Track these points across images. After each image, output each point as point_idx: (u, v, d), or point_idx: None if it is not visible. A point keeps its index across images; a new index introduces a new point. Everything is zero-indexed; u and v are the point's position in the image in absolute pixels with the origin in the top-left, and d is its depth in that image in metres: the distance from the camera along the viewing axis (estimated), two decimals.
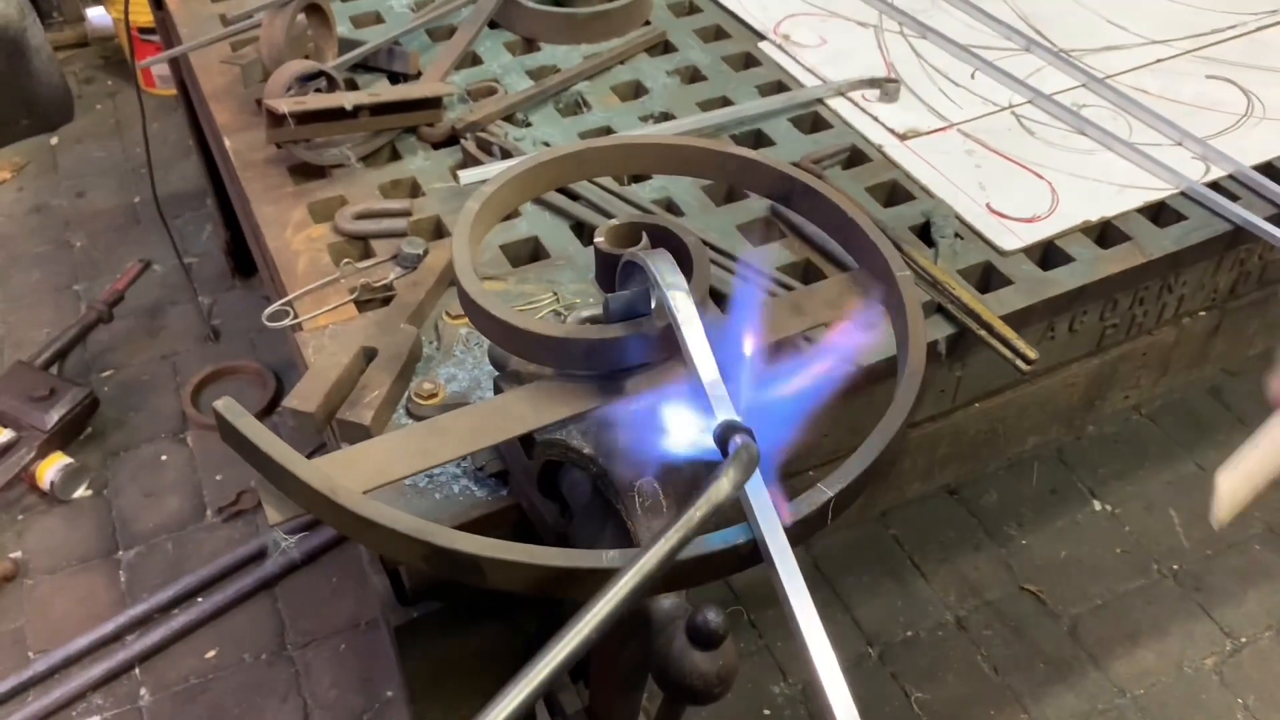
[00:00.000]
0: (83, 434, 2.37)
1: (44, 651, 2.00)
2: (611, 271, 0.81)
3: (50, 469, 2.22)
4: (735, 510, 0.67)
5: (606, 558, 0.66)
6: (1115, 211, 1.37)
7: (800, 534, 0.69)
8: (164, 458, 2.37)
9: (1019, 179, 1.43)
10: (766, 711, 1.93)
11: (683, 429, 0.72)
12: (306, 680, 1.98)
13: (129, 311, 2.65)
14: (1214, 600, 2.13)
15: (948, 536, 2.22)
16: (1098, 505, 2.30)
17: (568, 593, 0.68)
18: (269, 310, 1.32)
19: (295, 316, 1.30)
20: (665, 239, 0.82)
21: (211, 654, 2.01)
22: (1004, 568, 2.17)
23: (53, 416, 2.27)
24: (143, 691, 1.96)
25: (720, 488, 0.63)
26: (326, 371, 1.12)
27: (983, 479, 2.31)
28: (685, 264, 0.82)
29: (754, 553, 0.67)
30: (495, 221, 0.94)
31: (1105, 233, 1.36)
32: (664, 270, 0.73)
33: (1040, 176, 1.43)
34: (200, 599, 2.08)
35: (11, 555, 2.15)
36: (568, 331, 0.76)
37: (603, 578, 0.67)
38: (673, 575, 0.69)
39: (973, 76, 1.63)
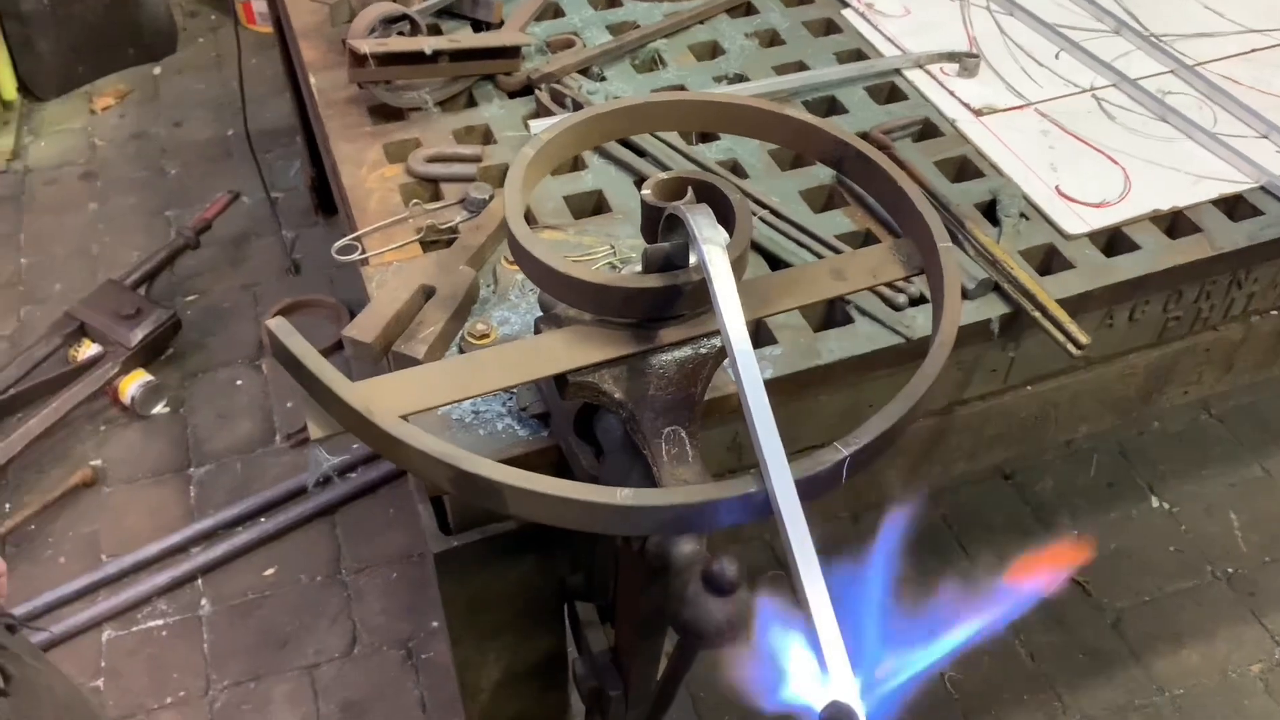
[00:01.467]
0: (164, 354, 2.47)
1: (115, 555, 2.11)
2: (655, 223, 0.84)
3: (132, 385, 2.33)
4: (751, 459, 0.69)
5: (620, 495, 0.68)
6: (1189, 202, 1.34)
7: (812, 492, 0.71)
8: (239, 382, 2.46)
9: (1092, 163, 1.41)
10: None
11: (796, 671, 0.66)
12: (357, 604, 2.06)
13: (216, 240, 2.74)
14: (1267, 607, 2.08)
15: (997, 520, 2.21)
16: (1155, 502, 2.26)
17: (582, 525, 0.71)
18: (339, 244, 1.37)
19: (363, 251, 1.34)
20: (710, 195, 0.84)
21: (270, 572, 2.10)
22: None
23: (137, 335, 2.37)
24: (203, 602, 2.06)
25: None
26: (386, 305, 1.17)
27: (1039, 466, 2.28)
28: (729, 221, 0.84)
29: (765, 504, 0.69)
30: (550, 168, 0.97)
31: (1176, 223, 1.34)
32: (703, 224, 0.75)
33: (1115, 162, 1.41)
34: (263, 519, 2.17)
35: (92, 463, 2.26)
36: (605, 279, 0.79)
37: (615, 513, 0.70)
38: (691, 517, 0.72)
39: (1056, 56, 1.60)
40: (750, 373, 0.69)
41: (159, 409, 2.38)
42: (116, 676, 1.95)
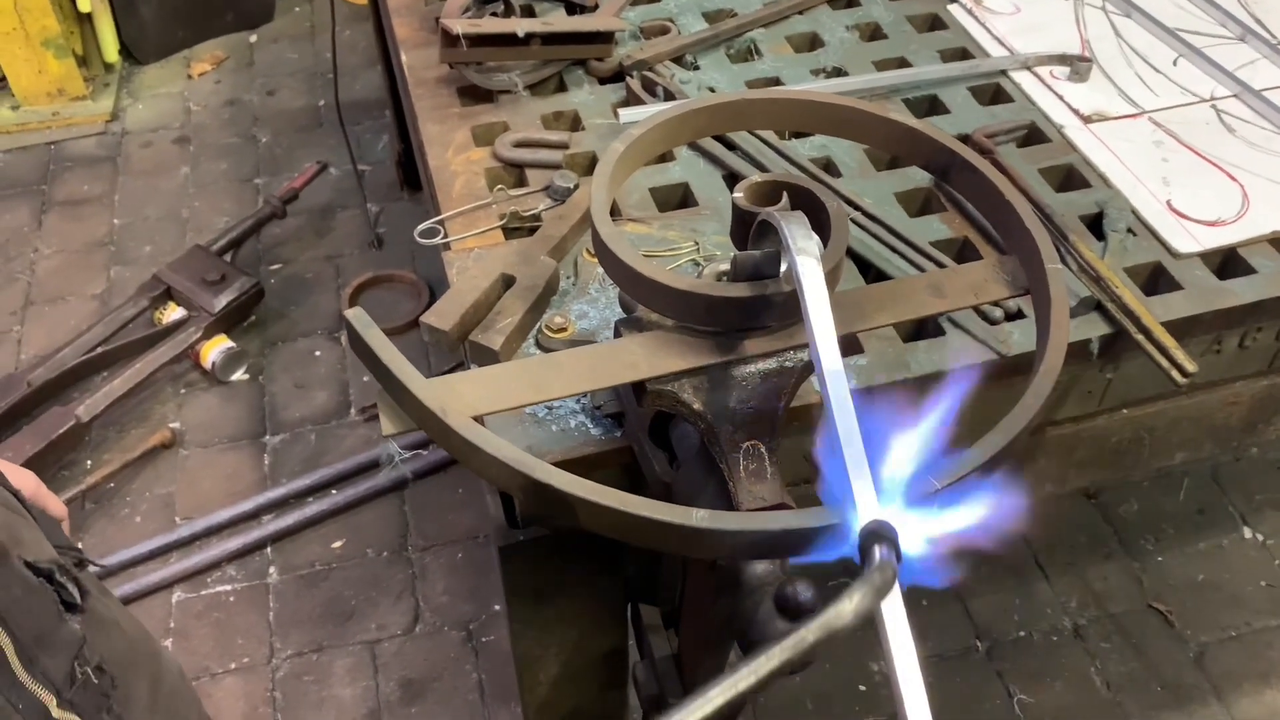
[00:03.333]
0: (246, 321, 2.50)
1: (189, 519, 2.14)
2: (746, 229, 0.80)
3: (214, 350, 2.36)
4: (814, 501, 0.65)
5: (696, 516, 0.65)
6: None
7: None
8: (317, 353, 2.48)
9: (1208, 178, 1.33)
10: (862, 687, 1.91)
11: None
12: (422, 582, 2.07)
13: (302, 210, 2.77)
14: None
15: (1079, 541, 2.13)
16: (1248, 532, 2.16)
17: (654, 544, 0.68)
18: (421, 227, 1.35)
19: (445, 235, 1.33)
20: (806, 201, 0.80)
21: (338, 544, 2.12)
22: (1134, 581, 2.07)
23: (221, 301, 2.40)
24: (271, 570, 2.08)
25: (842, 614, 0.54)
26: (465, 293, 1.15)
27: (1125, 487, 2.20)
28: (824, 230, 0.80)
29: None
30: (640, 164, 0.94)
31: None
32: (797, 233, 0.71)
33: (1233, 178, 1.33)
34: (334, 491, 2.18)
35: (171, 425, 2.30)
36: (690, 285, 0.75)
37: (689, 535, 0.67)
38: (768, 544, 0.68)
39: (1175, 63, 1.52)
40: (840, 394, 0.65)
41: (239, 375, 2.42)
42: (184, 638, 1.98)
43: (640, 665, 1.23)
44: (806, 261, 0.70)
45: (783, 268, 0.76)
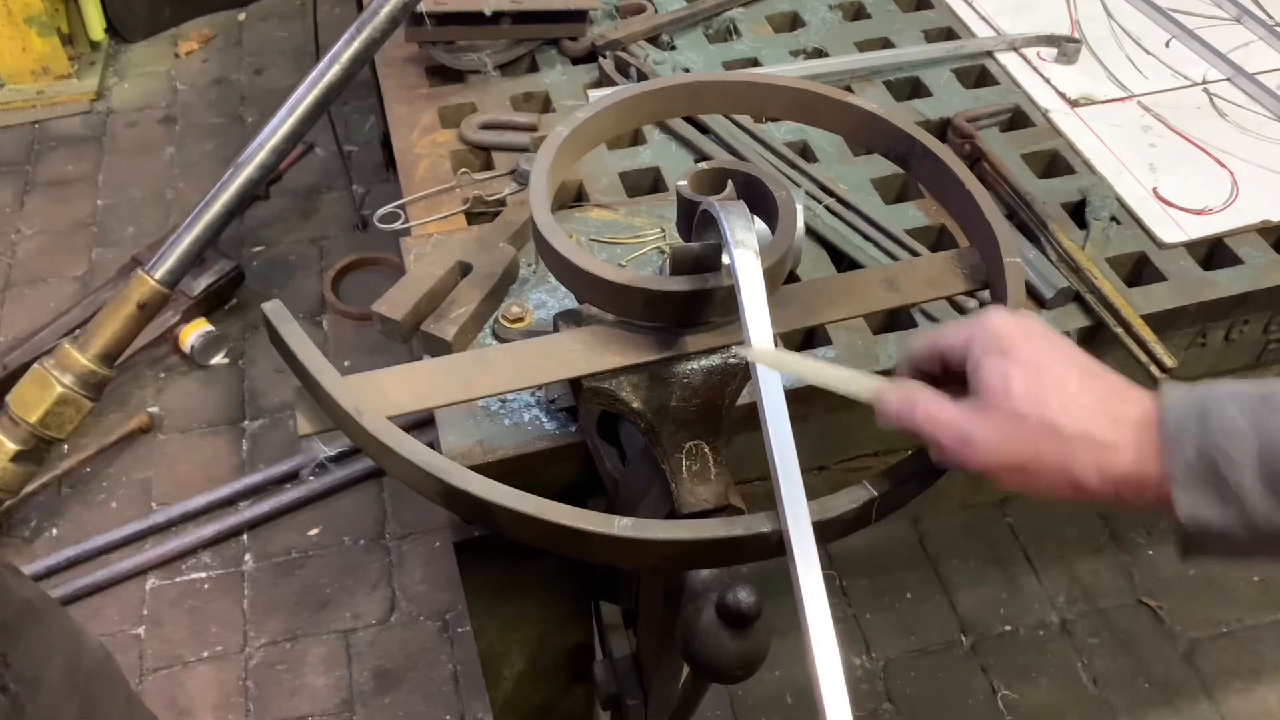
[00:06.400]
0: (226, 304, 2.46)
1: (165, 504, 2.11)
2: (691, 219, 0.76)
3: (193, 334, 2.33)
4: (769, 501, 0.62)
5: (619, 525, 0.62)
6: None
7: (834, 533, 0.63)
8: None
9: (1197, 164, 1.29)
10: None
11: None
12: (398, 571, 2.04)
13: (286, 191, 2.72)
14: None
15: (1068, 534, 2.09)
16: None
17: (578, 554, 0.64)
18: (381, 211, 1.32)
19: (406, 220, 1.29)
20: (755, 190, 0.76)
21: (314, 532, 2.09)
22: (1124, 576, 2.03)
23: (200, 284, 2.37)
24: (247, 557, 2.05)
25: None
26: (420, 281, 1.11)
27: None
28: (773, 220, 0.76)
29: (779, 546, 0.62)
30: (587, 150, 0.89)
31: None
32: (736, 225, 0.67)
33: (1222, 165, 1.29)
34: (312, 478, 2.15)
35: (149, 409, 2.27)
36: (627, 279, 0.71)
37: (613, 545, 0.63)
38: (697, 554, 0.65)
39: (1167, 45, 1.47)
40: (773, 397, 0.61)
41: (218, 359, 2.38)
42: (158, 625, 1.95)
43: (600, 664, 1.20)
44: (744, 255, 0.66)
45: (725, 259, 0.72)
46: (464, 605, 1.96)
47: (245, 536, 2.07)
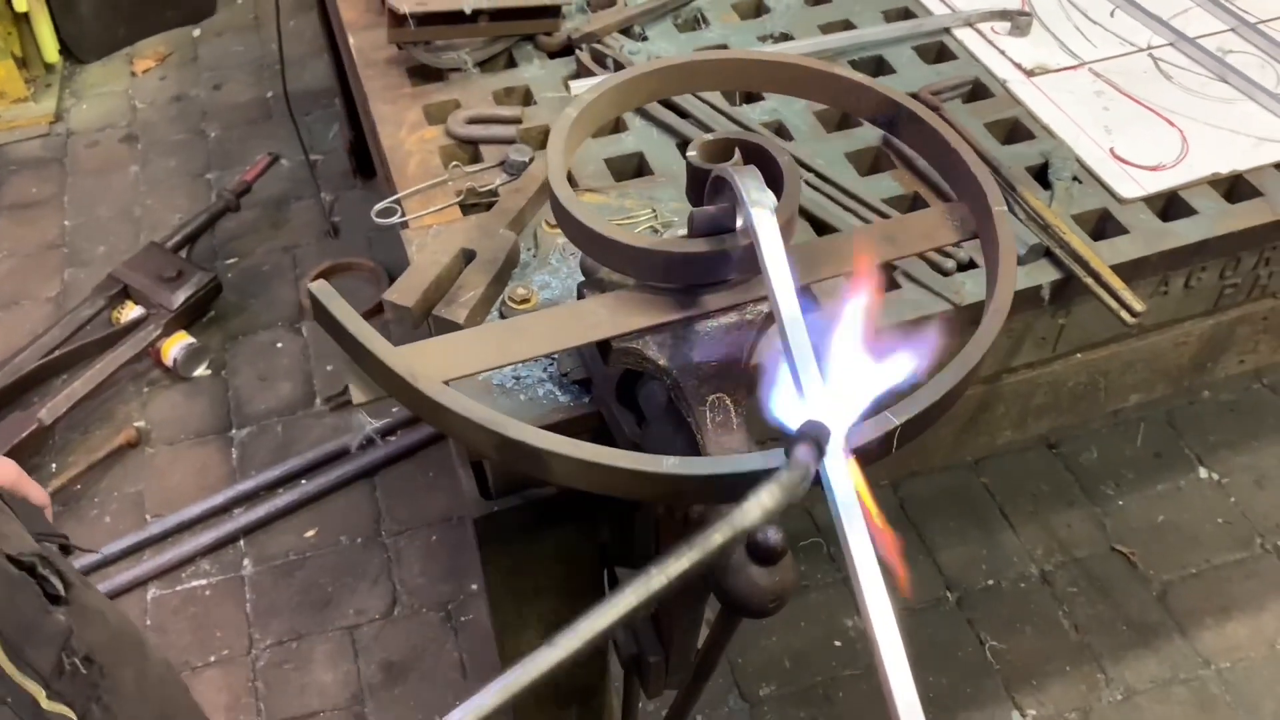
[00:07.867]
0: (205, 316, 2.49)
1: (159, 516, 2.13)
2: (701, 186, 0.82)
3: (174, 347, 2.35)
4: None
5: (667, 463, 0.67)
6: (1249, 165, 1.29)
7: (863, 460, 0.69)
8: (279, 345, 2.47)
9: (1148, 125, 1.36)
10: (838, 643, 1.95)
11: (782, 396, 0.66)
12: (397, 566, 2.07)
13: (256, 202, 2.75)
14: None
15: (1041, 490, 2.18)
16: (1204, 473, 2.22)
17: (628, 493, 0.69)
18: (379, 206, 1.36)
19: (402, 214, 1.33)
20: (758, 156, 0.82)
21: (311, 533, 2.12)
22: (1097, 527, 2.13)
23: (179, 297, 2.39)
24: (245, 562, 2.08)
25: (748, 512, 0.55)
26: (426, 269, 1.16)
27: (1085, 435, 2.25)
28: (777, 183, 0.81)
29: (814, 475, 0.68)
30: (593, 130, 0.95)
31: (1235, 187, 1.30)
32: (750, 187, 0.73)
33: (1172, 124, 1.36)
34: (304, 481, 2.18)
35: (135, 424, 2.28)
36: (649, 242, 0.77)
37: (662, 482, 0.68)
38: (734, 485, 0.70)
39: (1112, 14, 1.55)
40: (799, 340, 0.67)
41: (201, 371, 2.40)
42: (161, 634, 1.98)
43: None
44: (761, 214, 0.72)
45: (738, 222, 0.78)
46: (465, 594, 2.02)
47: (242, 542, 2.10)
